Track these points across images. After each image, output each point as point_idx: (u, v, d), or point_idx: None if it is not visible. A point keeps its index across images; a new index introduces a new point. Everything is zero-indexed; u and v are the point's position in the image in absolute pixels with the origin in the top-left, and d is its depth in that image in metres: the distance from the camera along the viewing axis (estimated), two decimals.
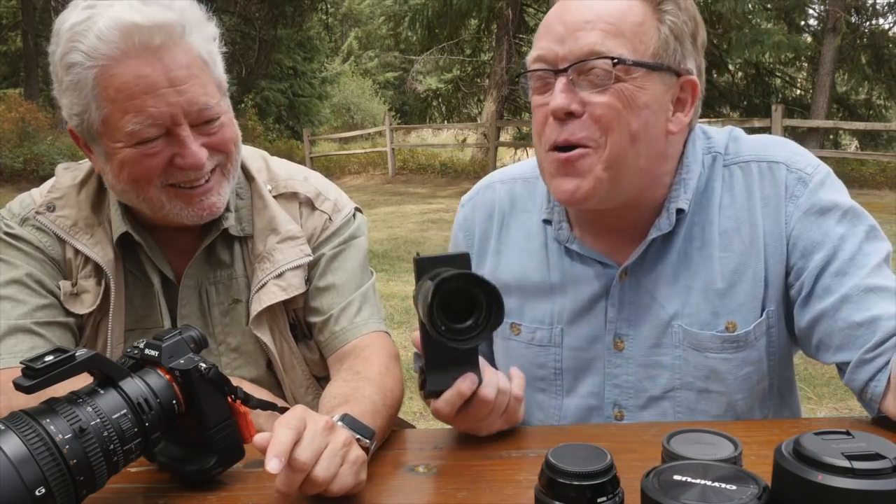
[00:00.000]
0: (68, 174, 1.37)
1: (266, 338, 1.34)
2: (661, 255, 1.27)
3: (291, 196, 1.41)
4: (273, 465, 0.84)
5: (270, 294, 1.33)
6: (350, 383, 1.21)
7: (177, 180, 1.21)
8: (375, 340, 1.36)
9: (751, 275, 1.24)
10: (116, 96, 1.13)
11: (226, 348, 1.37)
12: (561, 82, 1.15)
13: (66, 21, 1.15)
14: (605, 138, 1.15)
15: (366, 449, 1.01)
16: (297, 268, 1.36)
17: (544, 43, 1.18)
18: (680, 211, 1.24)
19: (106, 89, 1.13)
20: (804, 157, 1.27)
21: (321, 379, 1.43)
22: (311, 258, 1.37)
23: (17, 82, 26.22)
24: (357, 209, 1.49)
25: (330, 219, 1.42)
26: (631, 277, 1.29)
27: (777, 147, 1.29)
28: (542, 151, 1.23)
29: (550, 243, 1.36)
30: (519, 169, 1.46)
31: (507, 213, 1.42)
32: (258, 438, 0.90)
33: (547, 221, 1.35)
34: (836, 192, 1.24)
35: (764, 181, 1.25)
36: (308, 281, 1.39)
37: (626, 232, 1.29)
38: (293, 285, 1.35)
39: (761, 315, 1.25)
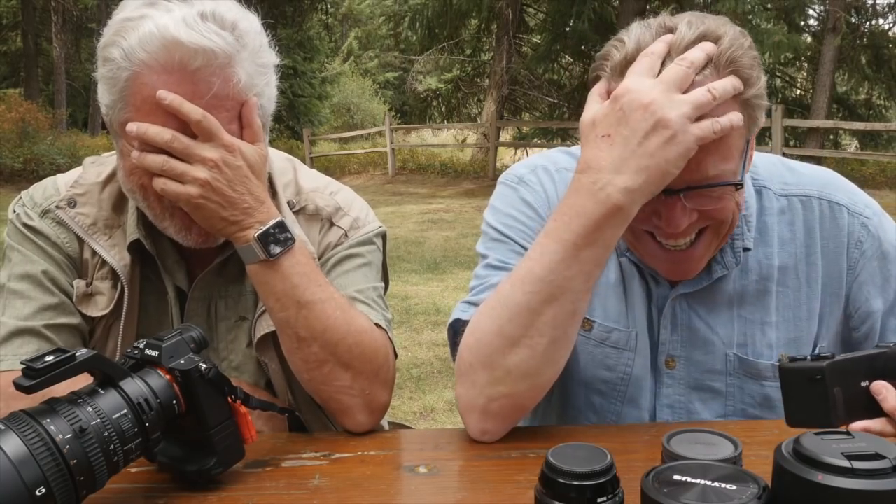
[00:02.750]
0: (94, 169, 1.34)
1: (271, 361, 1.30)
2: (717, 285, 1.26)
3: (314, 214, 1.36)
4: (167, 97, 1.09)
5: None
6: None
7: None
8: (375, 330, 1.27)
9: (805, 311, 1.27)
10: (141, 106, 1.12)
11: (227, 366, 1.33)
12: (676, 205, 1.09)
13: (121, 11, 1.13)
14: (721, 224, 1.15)
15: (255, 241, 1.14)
16: None
17: None
18: (746, 249, 1.25)
19: (134, 95, 1.12)
20: (860, 197, 1.30)
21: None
22: None
23: (17, 82, 26.25)
24: (382, 234, 1.42)
25: (346, 234, 1.36)
26: (682, 302, 1.27)
27: (832, 184, 1.30)
28: (630, 236, 1.20)
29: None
30: (567, 161, 1.37)
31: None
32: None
33: None
34: (892, 232, 1.29)
35: (824, 222, 1.27)
36: None
37: None
38: None
39: (814, 351, 1.28)
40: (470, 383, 1.14)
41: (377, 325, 1.29)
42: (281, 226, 1.17)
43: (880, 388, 0.97)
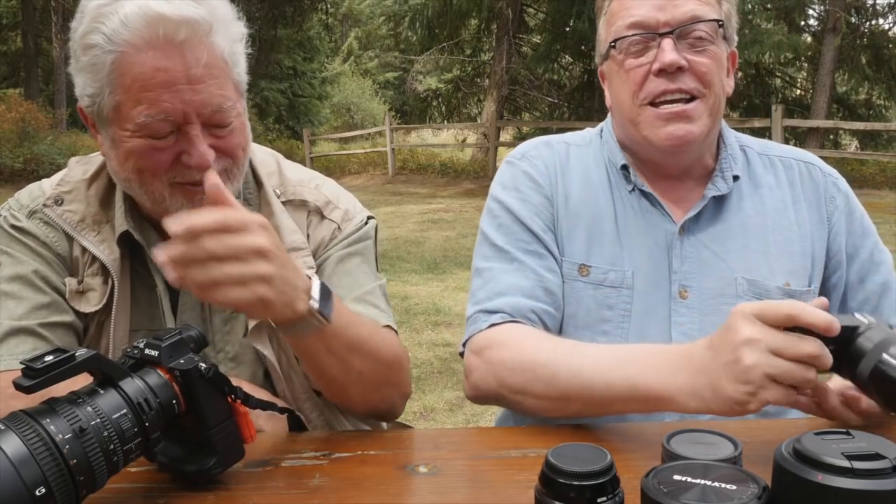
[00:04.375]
0: (79, 168, 1.34)
1: (266, 349, 1.32)
2: (717, 216, 1.41)
3: (300, 204, 1.38)
4: (174, 225, 0.90)
5: None
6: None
7: (183, 179, 1.20)
8: (394, 337, 1.33)
9: (798, 248, 1.41)
10: (132, 85, 1.11)
11: (224, 357, 1.34)
12: (668, 42, 1.30)
13: (90, 0, 1.13)
14: (708, 90, 1.33)
15: (304, 314, 1.05)
16: None
17: (641, 11, 1.32)
18: (736, 178, 1.41)
19: (122, 76, 1.11)
20: (826, 164, 1.50)
21: (321, 393, 1.40)
22: (313, 270, 1.34)
23: (17, 82, 26.24)
24: (370, 217, 1.46)
25: (339, 227, 1.39)
26: (688, 234, 1.40)
27: (803, 151, 1.51)
28: (636, 107, 1.36)
29: (616, 192, 1.44)
30: (567, 137, 1.55)
31: (565, 168, 1.47)
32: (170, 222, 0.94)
33: (625, 168, 1.43)
34: (855, 197, 1.47)
35: (804, 178, 1.45)
36: None
37: (680, 193, 1.43)
38: None
39: (809, 286, 1.40)
40: (482, 374, 1.29)
41: (388, 325, 1.33)
42: (318, 282, 1.09)
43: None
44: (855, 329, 0.98)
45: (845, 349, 0.97)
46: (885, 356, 0.94)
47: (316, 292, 1.08)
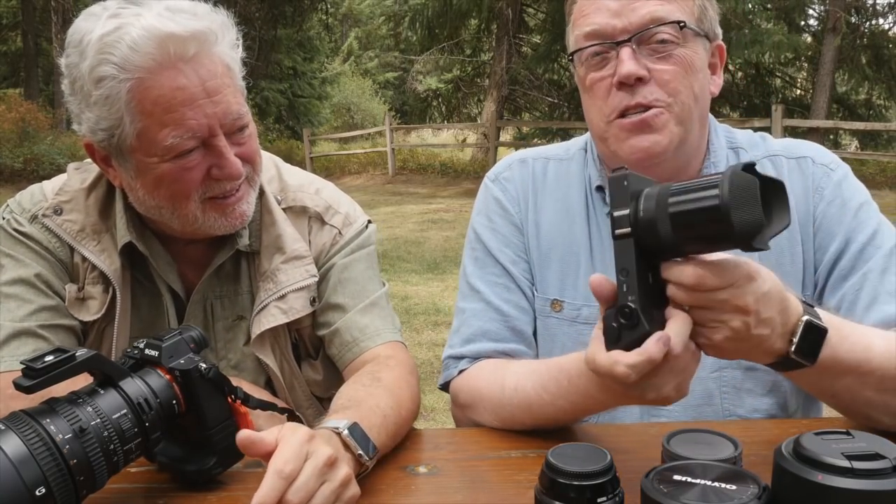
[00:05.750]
0: (78, 176, 1.34)
1: (268, 358, 1.32)
2: None
3: (301, 211, 1.38)
4: None
5: (270, 317, 1.30)
6: (367, 388, 1.17)
7: (214, 193, 1.20)
8: (397, 351, 1.33)
9: (789, 257, 1.31)
10: (153, 109, 1.11)
11: (226, 364, 1.35)
12: (626, 52, 1.21)
13: (91, 32, 1.10)
14: (673, 99, 1.22)
15: (364, 466, 1.00)
16: (300, 289, 1.33)
17: (596, 18, 1.22)
18: None
19: (142, 102, 1.11)
20: (830, 156, 1.37)
21: (324, 400, 1.41)
22: (316, 279, 1.34)
23: (17, 82, 26.22)
24: (369, 221, 1.46)
25: (340, 233, 1.39)
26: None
27: (803, 145, 1.39)
28: (602, 123, 1.27)
29: (594, 217, 1.36)
30: (549, 150, 1.47)
31: (540, 188, 1.41)
32: (241, 436, 0.88)
33: (600, 188, 1.36)
34: (856, 186, 1.34)
35: (793, 174, 1.34)
36: (316, 299, 1.36)
37: None
38: (294, 308, 1.32)
39: (803, 293, 1.30)
40: (465, 423, 1.32)
41: (396, 340, 1.35)
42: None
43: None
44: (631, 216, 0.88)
45: (640, 238, 0.88)
46: (671, 199, 0.84)
47: (366, 455, 1.01)
